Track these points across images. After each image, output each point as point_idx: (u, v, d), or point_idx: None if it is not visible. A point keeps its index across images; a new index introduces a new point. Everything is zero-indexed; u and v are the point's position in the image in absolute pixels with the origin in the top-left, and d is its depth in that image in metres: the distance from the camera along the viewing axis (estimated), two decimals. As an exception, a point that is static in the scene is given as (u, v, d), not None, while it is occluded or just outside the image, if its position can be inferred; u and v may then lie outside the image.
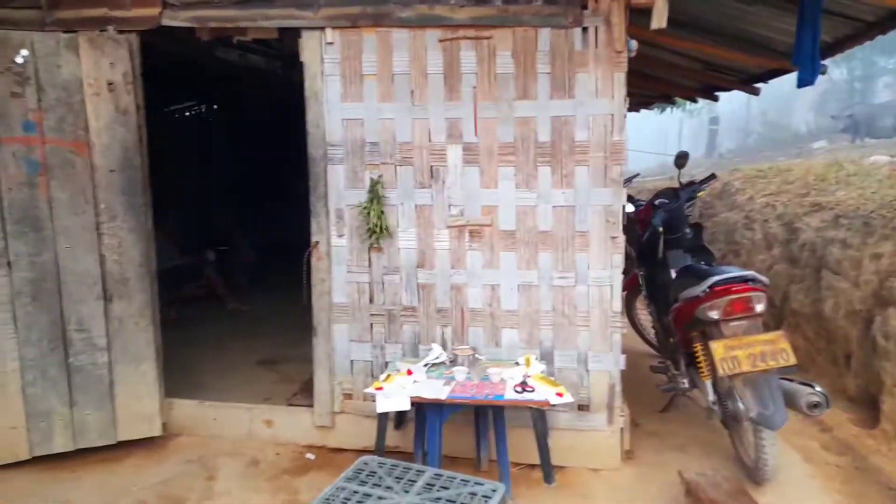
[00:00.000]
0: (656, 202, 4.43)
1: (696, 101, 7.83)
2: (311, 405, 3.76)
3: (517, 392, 2.97)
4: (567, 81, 3.29)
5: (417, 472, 2.29)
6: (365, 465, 2.33)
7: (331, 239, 3.59)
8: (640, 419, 3.95)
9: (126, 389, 3.65)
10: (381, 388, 3.05)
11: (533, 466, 3.34)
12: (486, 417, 3.29)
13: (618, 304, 3.39)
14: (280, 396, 4.05)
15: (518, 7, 3.27)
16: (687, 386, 3.75)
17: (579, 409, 3.45)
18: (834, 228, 4.68)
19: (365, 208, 3.48)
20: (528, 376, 3.13)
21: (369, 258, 3.57)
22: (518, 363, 3.31)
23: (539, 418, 3.03)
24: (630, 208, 4.20)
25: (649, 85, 6.12)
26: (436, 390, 3.00)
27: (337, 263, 3.60)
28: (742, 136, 23.93)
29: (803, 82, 3.84)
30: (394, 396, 2.98)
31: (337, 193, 3.55)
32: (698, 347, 3.42)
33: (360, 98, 3.46)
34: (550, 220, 3.39)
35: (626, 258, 3.47)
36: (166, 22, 3.49)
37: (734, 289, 3.26)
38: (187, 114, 9.51)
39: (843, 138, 15.62)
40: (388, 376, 3.19)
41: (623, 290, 3.50)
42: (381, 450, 3.05)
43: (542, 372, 3.23)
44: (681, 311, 3.61)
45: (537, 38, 3.29)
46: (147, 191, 3.65)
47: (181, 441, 3.84)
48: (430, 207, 3.48)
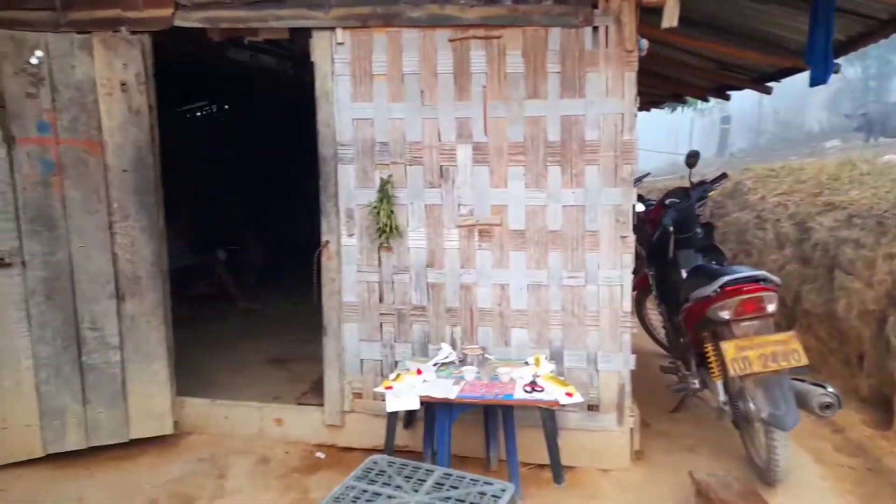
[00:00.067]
0: (667, 202, 4.41)
1: (707, 101, 7.78)
2: (321, 404, 3.78)
3: (527, 392, 2.97)
4: (577, 81, 3.28)
5: (427, 471, 2.29)
6: (374, 464, 2.34)
7: (341, 238, 3.60)
8: (651, 419, 3.94)
9: (138, 388, 3.69)
10: (390, 388, 3.06)
11: (542, 466, 3.34)
12: (496, 417, 3.29)
13: (628, 304, 3.38)
14: (290, 395, 4.07)
15: (528, 6, 3.27)
16: (697, 386, 3.74)
17: (589, 409, 3.45)
18: (847, 228, 4.63)
19: (375, 208, 3.48)
20: (538, 376, 3.12)
21: (379, 258, 3.58)
22: (528, 363, 3.31)
23: (549, 418, 3.02)
24: (640, 208, 4.19)
25: (660, 84, 6.09)
26: (445, 390, 3.00)
27: (347, 263, 3.62)
28: (754, 135, 23.75)
29: (816, 81, 3.80)
30: (403, 396, 2.99)
31: (347, 193, 3.57)
32: (709, 347, 3.41)
33: (370, 98, 3.47)
34: (560, 219, 3.38)
35: (637, 258, 3.46)
36: (178, 23, 3.52)
37: (745, 289, 3.25)
38: (199, 114, 9.58)
39: (857, 137, 15.46)
40: (398, 375, 3.19)
41: (633, 290, 3.49)
42: (390, 449, 3.06)
43: (551, 372, 3.22)
44: (691, 311, 3.60)
45: (547, 38, 3.28)
46: (159, 190, 3.68)
47: (192, 439, 3.87)
48: (439, 207, 3.49)
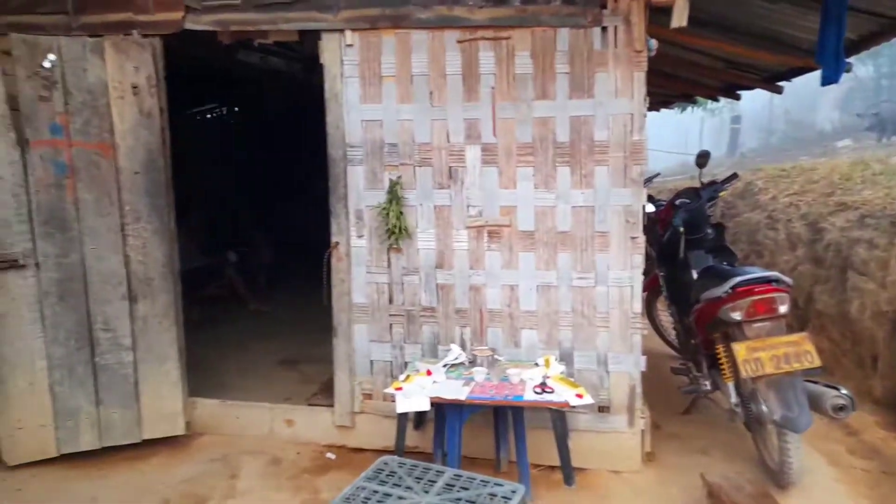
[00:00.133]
0: (677, 202, 4.40)
1: (717, 100, 7.73)
2: (331, 405, 3.79)
3: (537, 393, 2.97)
4: (586, 81, 3.27)
5: (437, 472, 2.29)
6: (385, 464, 2.34)
7: (350, 239, 3.61)
8: (662, 421, 3.92)
9: (150, 388, 3.71)
10: (400, 389, 3.06)
11: (553, 468, 3.33)
12: (506, 418, 3.28)
13: (638, 305, 3.37)
14: (301, 396, 4.09)
15: (537, 7, 3.26)
16: (709, 388, 3.71)
17: (599, 411, 3.44)
18: (860, 228, 4.59)
19: (384, 209, 3.49)
20: (548, 377, 3.12)
21: (388, 259, 3.59)
22: (537, 364, 3.30)
23: (559, 419, 3.02)
24: (650, 208, 4.18)
25: (670, 84, 6.06)
26: (455, 391, 3.00)
27: (356, 264, 3.63)
28: (765, 134, 23.60)
29: (827, 80, 3.77)
30: (413, 397, 2.99)
31: (356, 194, 3.58)
32: (720, 349, 3.39)
33: (379, 99, 3.48)
34: (570, 220, 3.37)
35: (647, 259, 3.45)
36: (189, 26, 3.54)
37: (757, 290, 3.23)
38: (209, 116, 9.63)
39: (869, 137, 15.32)
40: (408, 377, 3.20)
41: (643, 291, 3.47)
42: (400, 450, 3.06)
43: (561, 373, 3.22)
44: (702, 312, 3.58)
45: (556, 38, 3.28)
46: (170, 192, 3.70)
47: (204, 440, 3.89)
48: (448, 208, 3.49)
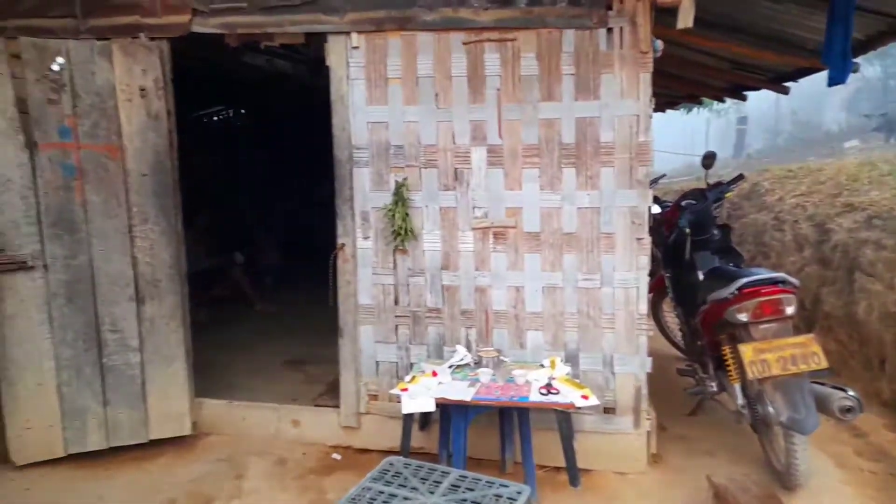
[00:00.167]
0: (683, 203, 4.38)
1: (723, 101, 7.72)
2: (337, 406, 3.80)
3: (542, 394, 2.97)
4: (592, 82, 3.28)
5: (442, 473, 2.30)
6: (390, 465, 2.35)
7: (356, 241, 3.62)
8: (667, 423, 3.91)
9: (157, 389, 3.73)
10: (406, 390, 3.06)
11: (558, 469, 3.33)
12: (511, 419, 3.29)
13: (644, 307, 3.37)
14: (306, 397, 4.10)
15: (542, 9, 3.27)
16: (715, 389, 3.70)
17: (605, 412, 3.43)
18: (867, 229, 4.57)
19: (390, 210, 3.50)
20: (554, 378, 3.12)
21: (394, 260, 3.59)
22: (543, 365, 3.30)
23: (564, 421, 3.01)
24: (656, 209, 4.17)
25: (676, 85, 6.05)
26: (461, 392, 3.01)
27: (362, 265, 3.64)
28: (771, 135, 23.50)
29: (834, 81, 3.76)
30: (419, 397, 2.99)
31: (362, 196, 3.59)
32: (727, 350, 3.38)
33: (384, 101, 3.49)
34: (575, 221, 3.37)
35: (652, 260, 3.44)
36: (196, 29, 3.56)
37: (764, 291, 3.22)
38: (215, 118, 9.68)
39: (877, 137, 15.23)
40: (414, 377, 3.20)
41: (649, 292, 3.47)
42: (406, 450, 3.06)
43: (567, 374, 3.21)
44: (709, 314, 3.57)
45: (562, 40, 3.28)
46: (177, 194, 3.72)
47: (211, 440, 3.91)
48: (454, 209, 3.49)
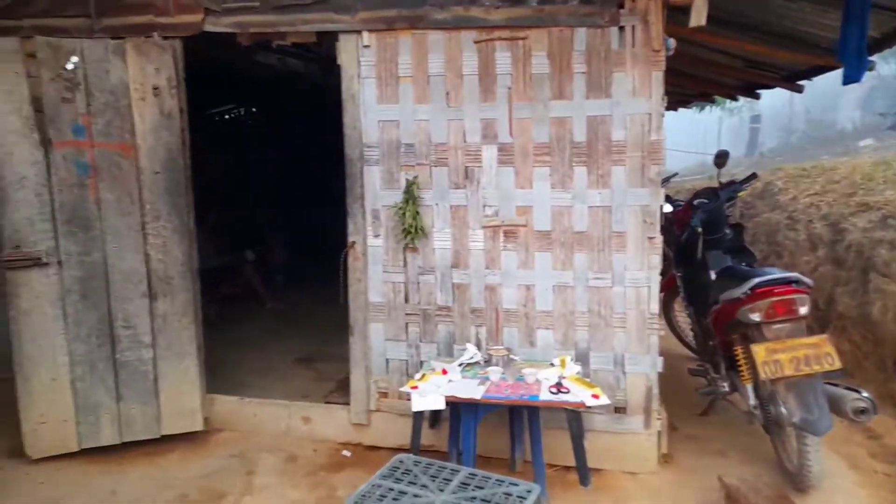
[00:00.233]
0: (695, 202, 4.36)
1: (736, 100, 7.65)
2: (347, 403, 3.81)
3: (552, 393, 2.96)
4: (603, 81, 3.26)
5: (452, 471, 2.30)
6: (400, 462, 2.35)
7: (367, 239, 3.63)
8: (679, 423, 3.89)
9: (169, 385, 3.76)
10: (416, 387, 3.07)
11: (568, 468, 3.32)
12: (521, 418, 3.28)
13: (655, 306, 3.35)
14: (317, 394, 4.12)
15: (554, 7, 3.26)
16: (727, 389, 3.68)
17: (616, 412, 3.42)
18: (882, 229, 4.52)
19: (400, 209, 3.51)
20: (564, 377, 3.11)
21: (405, 258, 3.60)
22: (553, 364, 3.29)
23: (574, 420, 3.01)
24: (668, 208, 4.15)
25: (688, 83, 6.01)
26: (470, 390, 3.01)
27: (373, 263, 3.64)
28: (785, 134, 23.28)
29: (849, 79, 3.72)
30: (429, 395, 3.00)
31: (373, 194, 3.59)
32: (739, 350, 3.36)
33: (395, 100, 3.50)
34: (586, 220, 3.36)
35: (664, 259, 3.43)
36: (209, 28, 3.59)
37: (777, 291, 3.19)
38: (227, 117, 9.73)
39: (892, 136, 15.05)
40: (424, 375, 3.21)
41: (660, 292, 3.45)
42: (416, 448, 3.07)
43: (577, 373, 3.21)
44: (721, 313, 3.55)
45: (573, 38, 3.27)
46: (189, 192, 3.75)
47: (222, 436, 3.94)
48: (464, 208, 3.49)
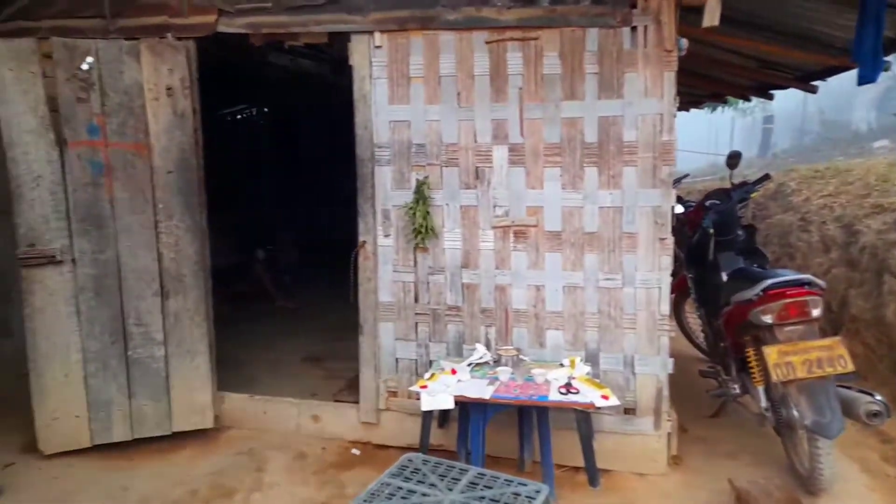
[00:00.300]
0: (707, 203, 4.34)
1: (749, 100, 7.60)
2: (356, 402, 3.83)
3: (562, 393, 2.96)
4: (615, 81, 3.26)
5: (461, 470, 2.30)
6: (409, 461, 2.36)
7: (377, 239, 3.64)
8: (689, 424, 3.87)
9: (181, 382, 3.79)
10: (425, 387, 3.08)
11: (577, 469, 3.32)
12: (530, 418, 3.28)
13: (666, 307, 3.34)
14: (326, 392, 4.13)
15: (565, 7, 3.26)
16: (738, 391, 3.66)
17: (625, 413, 3.41)
18: (897, 231, 4.48)
19: (411, 209, 3.52)
20: (573, 378, 3.11)
21: (415, 258, 3.61)
22: (563, 364, 3.29)
23: (584, 421, 3.00)
24: (679, 209, 4.13)
25: (700, 83, 5.98)
26: (480, 390, 3.01)
27: (383, 263, 3.66)
28: (798, 135, 23.07)
29: (864, 79, 3.68)
30: (438, 395, 3.01)
31: (384, 194, 3.60)
32: (751, 352, 3.34)
33: (406, 100, 3.51)
34: (597, 221, 3.36)
35: (675, 260, 3.41)
36: (222, 29, 3.61)
37: (789, 293, 3.17)
38: (239, 117, 9.80)
39: (908, 137, 14.90)
40: (433, 375, 3.21)
41: (671, 293, 3.44)
42: (425, 447, 3.08)
43: (587, 374, 3.20)
44: (732, 315, 3.53)
45: (585, 38, 3.26)
46: (202, 191, 3.78)
47: (232, 433, 3.96)
48: (475, 208, 3.50)
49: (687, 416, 3.86)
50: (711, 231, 3.94)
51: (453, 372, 3.20)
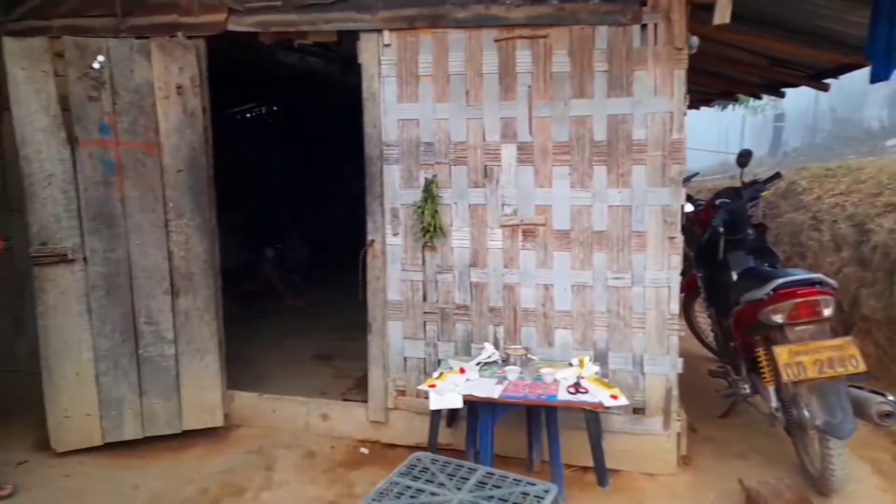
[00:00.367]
0: (717, 202, 4.32)
1: (760, 98, 7.54)
2: (365, 400, 3.83)
3: (570, 393, 2.95)
4: (625, 79, 3.24)
5: (469, 469, 2.30)
6: (418, 461, 2.36)
7: (386, 238, 3.64)
8: (698, 424, 3.85)
9: (191, 381, 3.81)
10: (434, 386, 3.08)
11: (586, 469, 3.31)
12: (539, 418, 3.27)
13: (675, 306, 3.32)
14: (335, 391, 4.15)
15: (575, 5, 3.24)
16: (748, 391, 3.64)
17: (634, 413, 3.40)
18: (910, 230, 4.44)
19: (419, 207, 3.52)
20: (582, 377, 3.10)
21: (423, 257, 3.61)
22: (571, 364, 3.29)
23: (593, 420, 3.00)
24: (689, 208, 4.10)
25: (710, 81, 5.94)
26: (488, 389, 3.01)
27: (392, 262, 3.66)
28: (809, 133, 22.90)
29: (877, 77, 3.63)
30: (446, 394, 3.01)
31: (392, 193, 3.61)
32: (761, 352, 3.32)
33: (415, 99, 3.51)
34: (606, 219, 3.34)
35: (684, 259, 3.40)
36: (232, 27, 3.62)
37: (800, 292, 3.15)
38: (248, 115, 9.82)
39: (921, 135, 14.74)
40: (441, 374, 3.22)
41: (681, 292, 3.42)
42: (433, 446, 3.08)
43: (596, 373, 3.20)
44: (742, 315, 3.51)
45: (594, 36, 3.25)
46: (212, 190, 3.79)
47: (242, 432, 3.98)
48: (483, 207, 3.49)
49: (696, 416, 3.84)
50: (721, 230, 3.92)
51: (462, 371, 3.20)
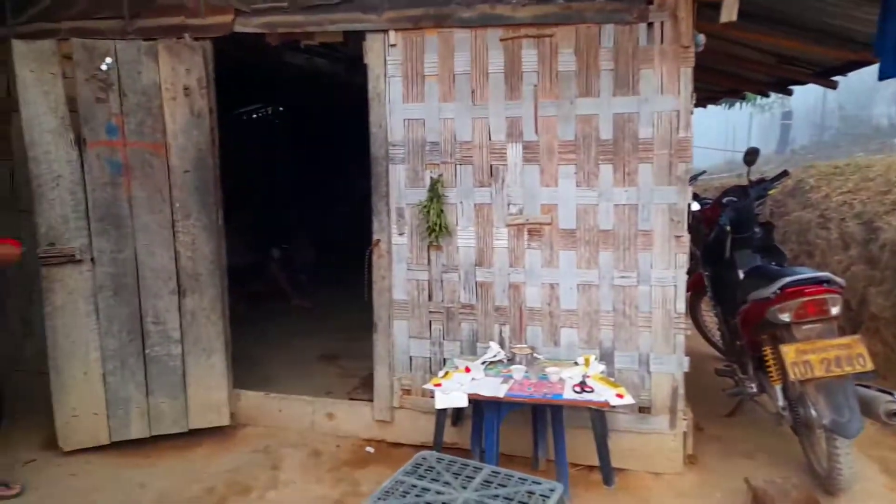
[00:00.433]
0: (724, 200, 4.30)
1: (767, 96, 7.51)
2: (370, 400, 3.84)
3: (576, 392, 2.95)
4: (631, 78, 3.23)
5: (475, 468, 2.30)
6: (423, 459, 2.36)
7: (392, 237, 3.65)
8: (705, 423, 3.84)
9: (197, 380, 3.83)
10: (439, 385, 3.08)
11: (591, 468, 3.31)
12: (544, 417, 3.27)
13: (681, 305, 3.31)
14: (341, 390, 4.16)
15: (581, 4, 3.24)
16: (754, 390, 3.63)
17: (640, 412, 3.39)
18: (918, 228, 4.41)
19: (425, 207, 3.52)
20: (588, 376, 3.09)
21: (429, 256, 3.61)
22: (577, 363, 3.28)
23: (598, 419, 2.99)
24: (695, 207, 4.09)
25: (717, 79, 5.92)
26: (493, 388, 3.01)
27: (397, 261, 3.66)
28: (817, 131, 22.76)
29: (885, 74, 3.61)
30: (452, 393, 3.01)
31: (398, 192, 3.61)
32: (768, 351, 3.31)
33: (421, 98, 3.51)
34: (612, 218, 3.34)
35: (691, 258, 3.39)
36: (238, 29, 3.64)
37: (807, 290, 3.14)
38: (254, 116, 9.86)
39: (930, 133, 14.63)
40: (447, 373, 3.22)
41: (687, 291, 3.41)
42: (439, 445, 3.09)
43: (601, 372, 3.19)
44: (749, 313, 3.50)
45: (600, 35, 3.25)
46: (218, 190, 3.81)
47: (248, 431, 3.99)
48: (489, 206, 3.49)
49: (703, 415, 3.82)
50: (728, 228, 3.91)
51: (467, 370, 3.20)
